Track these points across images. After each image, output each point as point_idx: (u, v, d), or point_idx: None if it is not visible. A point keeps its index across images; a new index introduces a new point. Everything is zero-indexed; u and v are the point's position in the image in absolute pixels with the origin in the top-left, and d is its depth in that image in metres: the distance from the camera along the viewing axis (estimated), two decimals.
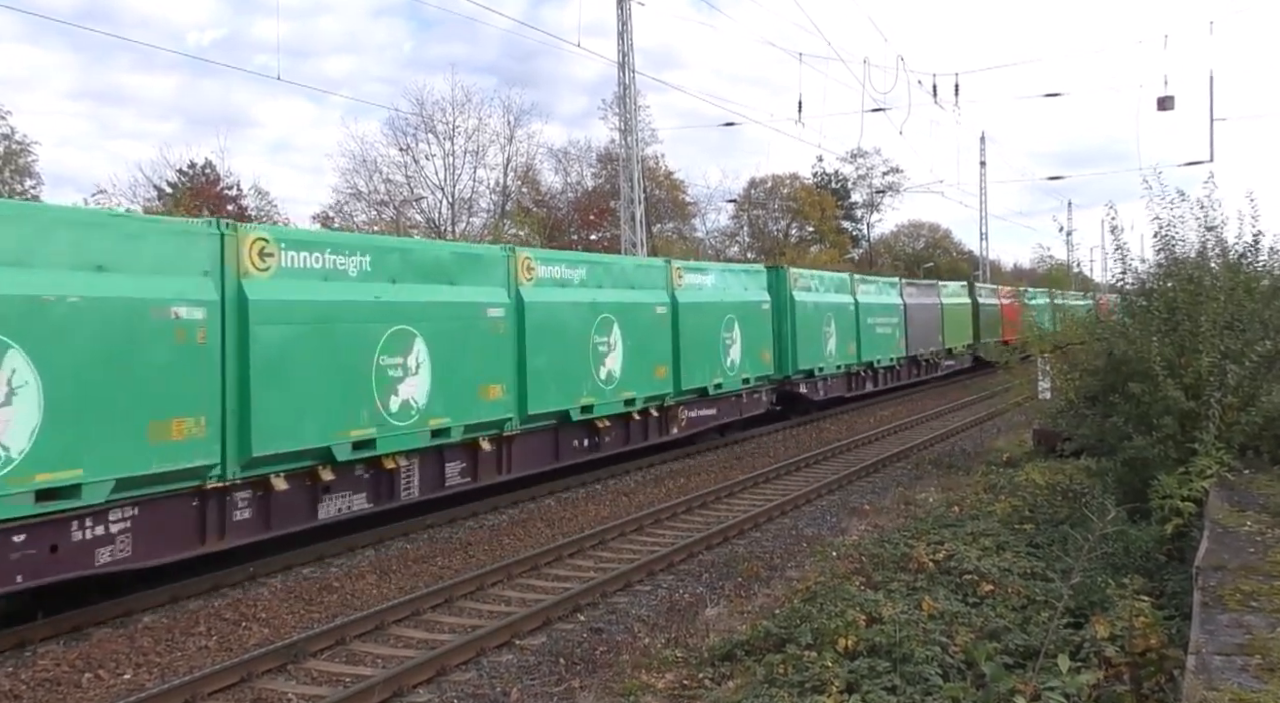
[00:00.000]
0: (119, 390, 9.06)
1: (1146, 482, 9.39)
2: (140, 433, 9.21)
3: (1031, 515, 11.43)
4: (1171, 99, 34.54)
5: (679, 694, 7.17)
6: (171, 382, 9.54)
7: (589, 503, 15.05)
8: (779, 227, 72.59)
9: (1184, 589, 7.07)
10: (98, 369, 8.89)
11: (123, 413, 9.07)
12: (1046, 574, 8.71)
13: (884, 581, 8.85)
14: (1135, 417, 10.43)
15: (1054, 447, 15.23)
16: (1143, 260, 12.17)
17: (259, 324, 10.41)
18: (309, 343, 10.96)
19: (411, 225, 49.10)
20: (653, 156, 57.21)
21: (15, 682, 7.87)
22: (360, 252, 12.06)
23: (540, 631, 9.04)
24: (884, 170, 79.10)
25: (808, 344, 23.85)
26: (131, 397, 9.16)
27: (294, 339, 10.80)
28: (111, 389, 8.99)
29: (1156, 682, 5.73)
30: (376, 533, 12.65)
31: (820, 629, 7.32)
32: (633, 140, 29.34)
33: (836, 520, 13.54)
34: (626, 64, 28.18)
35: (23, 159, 47.11)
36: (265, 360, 10.46)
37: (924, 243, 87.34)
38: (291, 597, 10.23)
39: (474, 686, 7.72)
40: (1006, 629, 7.21)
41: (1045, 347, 18.61)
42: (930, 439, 21.51)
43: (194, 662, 8.35)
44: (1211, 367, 9.97)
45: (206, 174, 49.57)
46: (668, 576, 10.93)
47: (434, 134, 51.10)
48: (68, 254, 8.90)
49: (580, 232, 54.42)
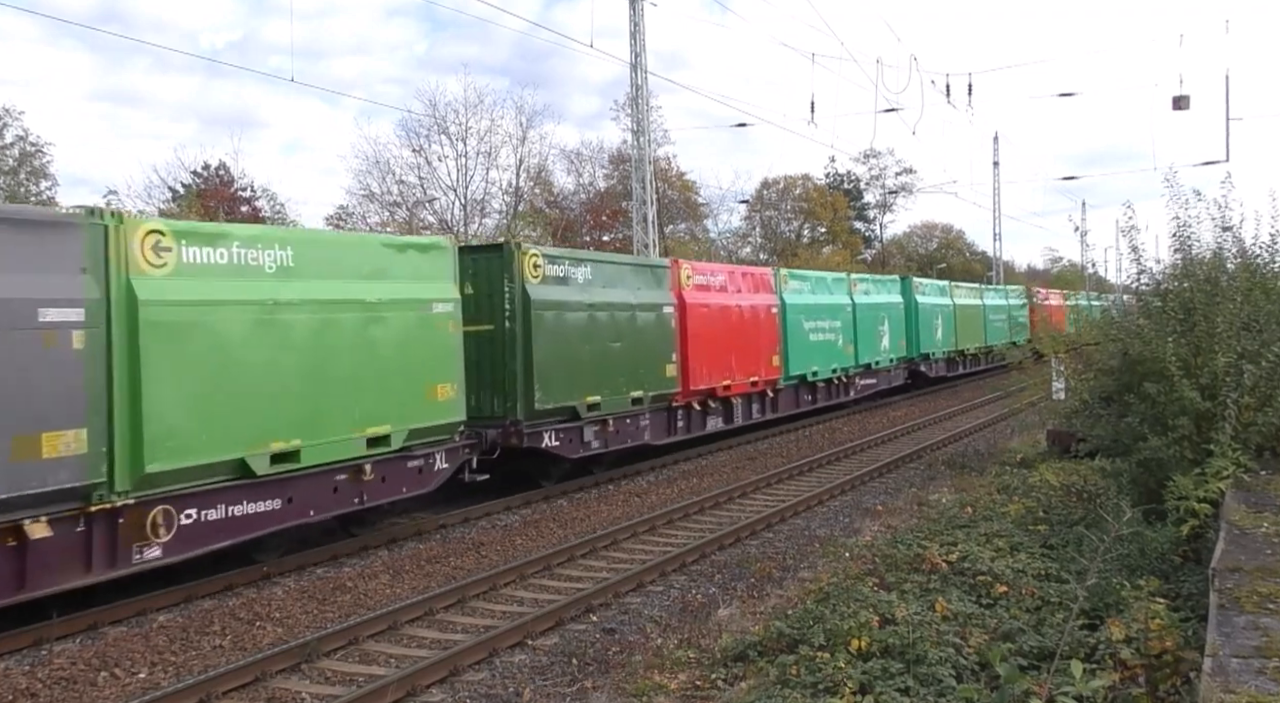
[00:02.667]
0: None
1: (1162, 483, 9.34)
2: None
3: (1045, 517, 11.38)
4: (1187, 98, 34.29)
5: (692, 695, 7.17)
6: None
7: (601, 503, 15.06)
8: (791, 227, 72.46)
9: (1200, 591, 7.03)
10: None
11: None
12: (1061, 576, 8.67)
13: (897, 582, 8.82)
14: (1150, 418, 10.37)
15: (1068, 448, 15.15)
16: (1158, 260, 12.12)
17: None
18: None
19: (424, 226, 49.19)
20: (665, 157, 57.19)
21: (32, 680, 7.92)
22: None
23: (553, 631, 9.05)
24: (897, 170, 78.93)
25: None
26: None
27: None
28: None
29: (1172, 684, 5.70)
30: (389, 533, 12.69)
31: (833, 630, 7.30)
32: (645, 141, 29.33)
33: (849, 521, 13.51)
34: (639, 65, 28.18)
35: (37, 160, 47.48)
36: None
37: (936, 243, 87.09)
38: (305, 596, 10.26)
39: (487, 686, 7.73)
40: (1021, 631, 7.18)
41: (1060, 347, 18.53)
42: (943, 440, 21.44)
43: (209, 661, 8.39)
44: (1228, 367, 9.91)
45: (220, 175, 49.79)
46: (680, 576, 10.93)
47: (446, 135, 51.15)
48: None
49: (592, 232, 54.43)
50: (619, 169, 53.61)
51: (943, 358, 34.00)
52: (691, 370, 18.74)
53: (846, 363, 26.20)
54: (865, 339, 27.41)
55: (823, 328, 24.99)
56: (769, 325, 22.22)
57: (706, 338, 19.34)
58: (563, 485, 15.93)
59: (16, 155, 47.13)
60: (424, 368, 12.48)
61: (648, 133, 29.75)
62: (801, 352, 23.51)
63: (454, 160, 51.41)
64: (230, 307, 10.14)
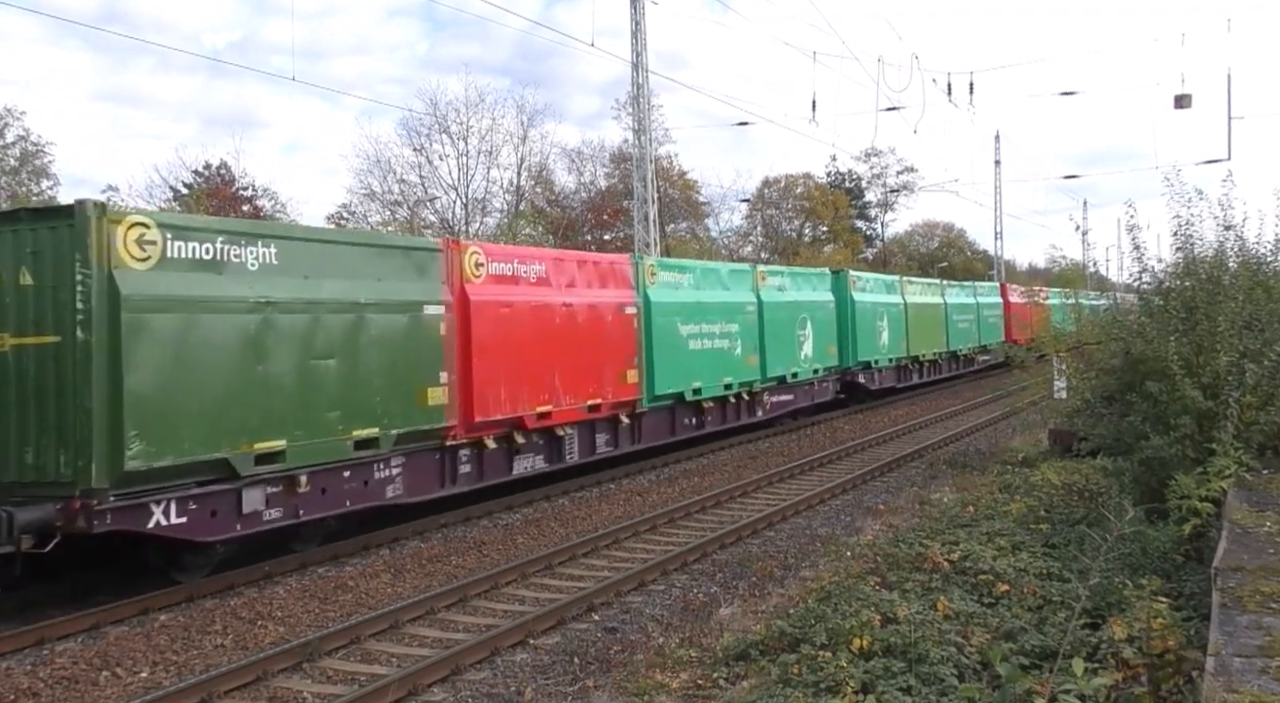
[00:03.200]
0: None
1: (1164, 482, 9.33)
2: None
3: (1047, 516, 11.36)
4: (1189, 97, 34.25)
5: (693, 694, 7.16)
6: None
7: (603, 502, 15.05)
8: (792, 226, 72.43)
9: (1202, 591, 7.02)
10: None
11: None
12: (1063, 575, 8.66)
13: (899, 581, 8.81)
14: (1152, 417, 10.36)
15: (1070, 447, 15.13)
16: (1160, 259, 12.10)
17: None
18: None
19: (425, 225, 49.20)
20: (666, 156, 57.15)
21: (34, 679, 7.93)
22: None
23: (554, 630, 9.04)
24: (898, 169, 78.92)
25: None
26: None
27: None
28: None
29: (1175, 684, 5.69)
30: (391, 532, 12.68)
31: (835, 629, 7.29)
32: (646, 140, 29.32)
33: (851, 520, 13.50)
34: (640, 64, 28.17)
35: (39, 160, 47.53)
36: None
37: (938, 242, 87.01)
38: (306, 596, 10.26)
39: (488, 685, 7.72)
40: (1023, 630, 7.17)
41: (1061, 346, 18.51)
42: (944, 439, 21.43)
43: (210, 660, 8.39)
44: (1230, 366, 9.90)
45: (221, 174, 49.83)
46: (682, 575, 10.92)
47: (448, 134, 51.16)
48: None
49: (594, 231, 54.43)
50: (620, 168, 53.59)
51: (890, 366, 29.39)
52: (477, 395, 13.48)
53: (748, 376, 20.96)
54: (777, 346, 22.11)
55: (710, 333, 19.70)
56: (623, 331, 17.08)
57: (506, 349, 14.04)
58: (563, 484, 15.87)
59: (18, 155, 47.23)
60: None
61: (649, 132, 29.74)
62: (676, 364, 18.38)
63: (455, 159, 51.46)
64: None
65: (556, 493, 15.54)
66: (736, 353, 20.63)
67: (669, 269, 19.66)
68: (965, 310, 36.89)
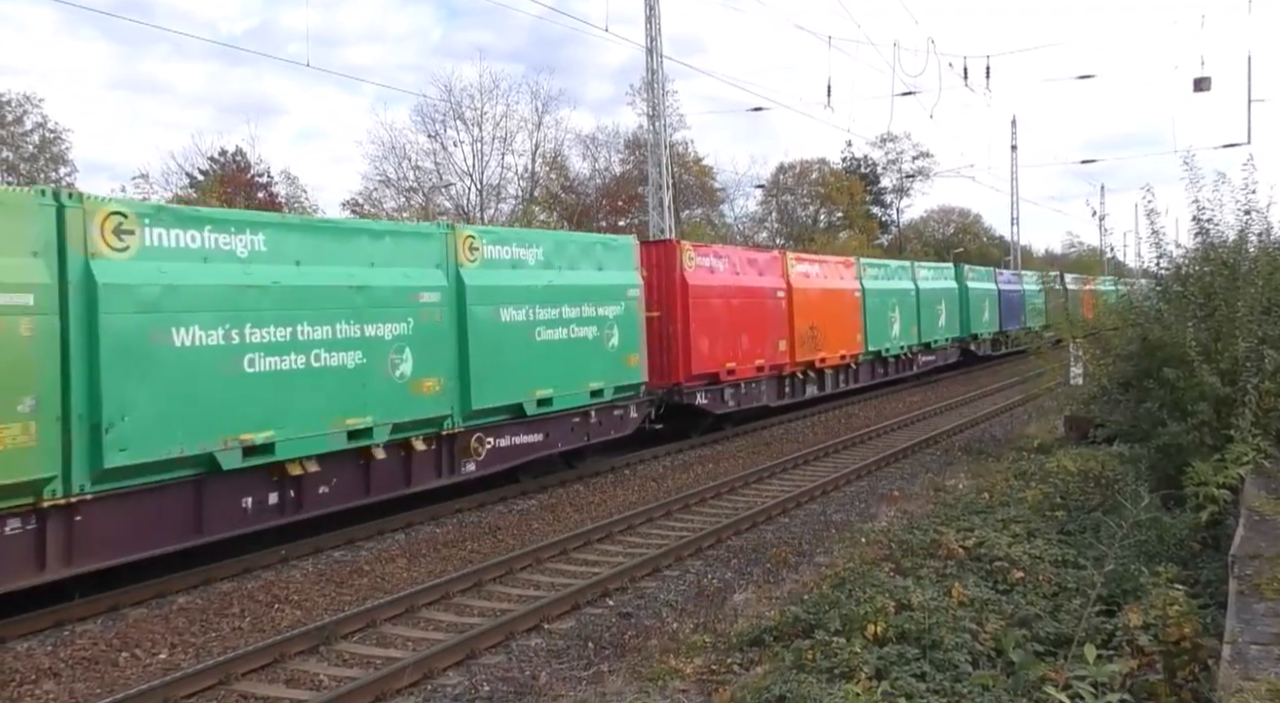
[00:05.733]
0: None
1: (1181, 469, 9.28)
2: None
3: (1063, 503, 11.32)
4: (1208, 80, 33.88)
5: (707, 679, 7.18)
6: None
7: (617, 488, 15.08)
8: (807, 212, 72.16)
9: (1219, 578, 6.98)
10: None
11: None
12: (1078, 562, 8.63)
13: (913, 567, 8.80)
14: (1169, 403, 10.30)
15: (1086, 434, 15.06)
16: (1178, 244, 12.00)
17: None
18: None
19: (441, 212, 49.25)
20: (681, 142, 57.00)
21: (54, 660, 8.02)
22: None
23: (569, 615, 9.08)
24: (914, 155, 78.52)
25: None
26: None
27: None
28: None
29: (1190, 671, 5.67)
30: (405, 518, 12.74)
31: (849, 616, 7.29)
32: (661, 125, 29.23)
33: (865, 507, 13.49)
34: (654, 49, 28.06)
35: (56, 147, 47.79)
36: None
37: (954, 227, 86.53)
38: (323, 580, 10.33)
39: (503, 669, 7.77)
40: (1037, 617, 7.16)
41: (1078, 332, 18.39)
42: (960, 426, 21.36)
43: (228, 642, 8.46)
44: (1248, 352, 9.83)
45: (237, 161, 49.96)
46: (696, 561, 10.94)
47: (462, 121, 51.17)
48: None
49: (608, 217, 54.35)
50: (635, 154, 53.48)
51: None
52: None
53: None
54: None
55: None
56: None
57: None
58: (578, 470, 15.94)
59: (36, 142, 47.49)
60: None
61: (663, 117, 29.64)
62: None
63: (469, 146, 51.49)
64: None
65: (571, 478, 15.59)
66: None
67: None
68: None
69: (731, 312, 19.79)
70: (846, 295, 25.32)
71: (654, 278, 18.04)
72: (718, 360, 19.18)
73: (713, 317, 19.14)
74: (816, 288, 23.62)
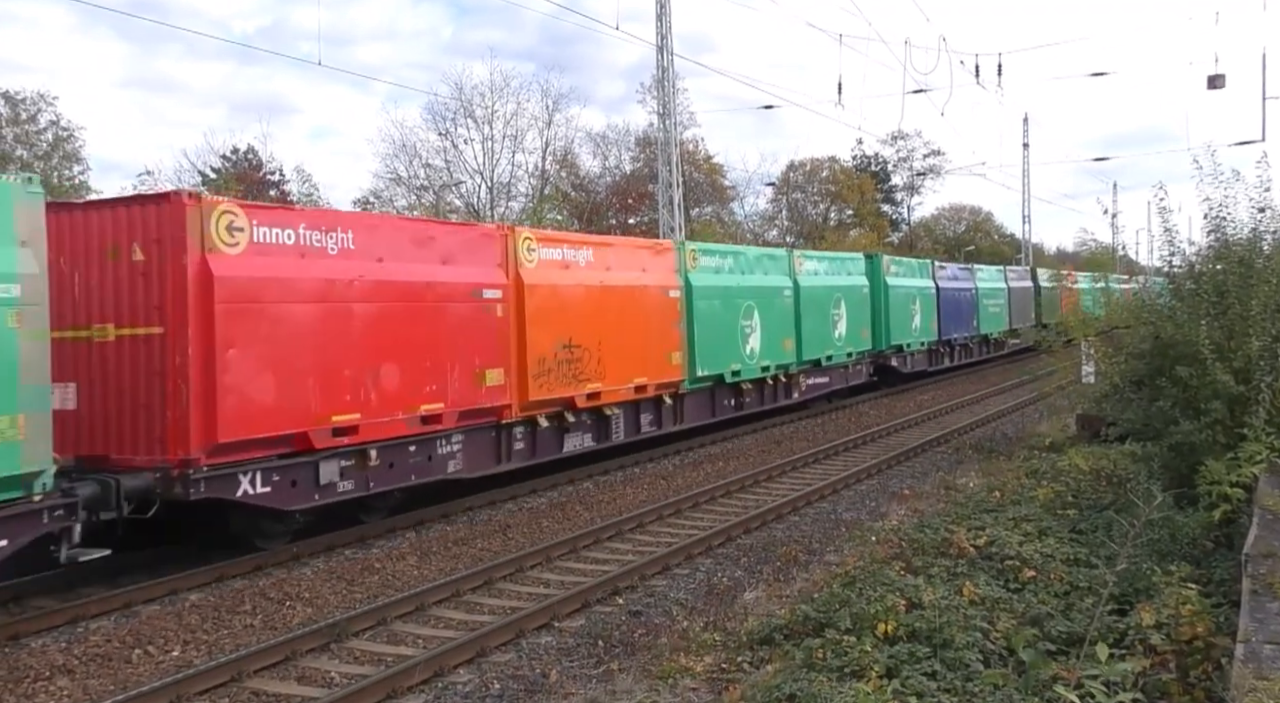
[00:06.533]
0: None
1: (1194, 468, 9.25)
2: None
3: (1074, 502, 11.27)
4: (1222, 77, 33.59)
5: (717, 678, 7.18)
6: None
7: (627, 487, 15.09)
8: (818, 210, 72.01)
9: (1232, 577, 6.95)
10: None
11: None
12: (1090, 561, 8.59)
13: (924, 566, 8.77)
14: (1182, 402, 10.26)
15: (1098, 432, 15.01)
16: (1191, 242, 11.95)
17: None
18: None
19: (451, 209, 49.32)
20: (691, 140, 56.95)
21: (68, 657, 8.06)
22: None
23: (579, 613, 9.09)
24: (925, 152, 78.20)
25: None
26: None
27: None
28: None
29: (1203, 670, 5.65)
30: (417, 516, 12.78)
31: (859, 614, 7.28)
32: (671, 123, 29.22)
33: (876, 505, 13.46)
34: (665, 47, 28.04)
35: (70, 145, 48.00)
36: None
37: (965, 225, 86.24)
38: (334, 577, 10.37)
39: (513, 667, 7.78)
40: (1049, 616, 7.13)
41: (1090, 331, 18.33)
42: (971, 424, 21.30)
43: (240, 640, 8.50)
44: (1262, 351, 9.78)
45: (249, 159, 50.12)
46: (706, 559, 10.94)
47: (473, 119, 51.19)
48: None
49: (618, 215, 54.37)
50: (645, 152, 53.47)
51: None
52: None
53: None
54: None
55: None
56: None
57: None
58: (587, 468, 15.94)
59: (50, 140, 47.70)
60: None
61: (674, 115, 29.63)
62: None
63: (480, 144, 51.50)
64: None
65: (581, 477, 15.60)
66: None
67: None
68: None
69: (330, 326, 11.07)
70: (652, 296, 17.45)
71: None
72: (296, 411, 10.65)
73: (263, 335, 10.37)
74: (580, 284, 15.65)
